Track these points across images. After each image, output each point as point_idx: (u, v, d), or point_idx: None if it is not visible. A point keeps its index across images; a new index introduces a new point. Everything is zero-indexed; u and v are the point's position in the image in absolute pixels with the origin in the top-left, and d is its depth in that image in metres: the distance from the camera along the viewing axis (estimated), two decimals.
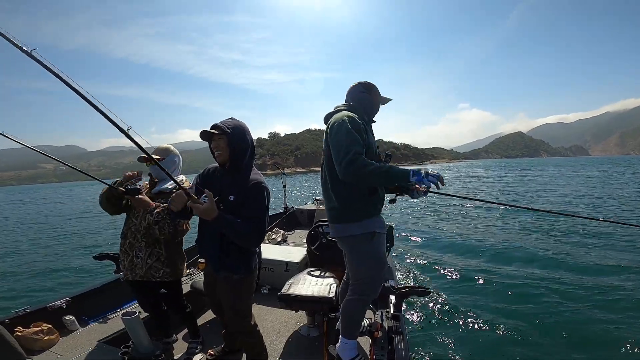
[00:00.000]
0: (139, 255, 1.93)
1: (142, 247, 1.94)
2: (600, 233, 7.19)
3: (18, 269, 6.56)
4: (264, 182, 1.59)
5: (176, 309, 2.14)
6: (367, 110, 1.84)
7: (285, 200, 6.01)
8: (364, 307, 1.81)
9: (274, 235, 4.57)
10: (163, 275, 1.96)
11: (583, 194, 14.96)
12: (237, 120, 1.63)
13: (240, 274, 1.62)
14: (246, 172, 1.61)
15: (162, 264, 1.96)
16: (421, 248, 6.77)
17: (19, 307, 2.20)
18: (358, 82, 1.89)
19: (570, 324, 3.54)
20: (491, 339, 3.33)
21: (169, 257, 1.98)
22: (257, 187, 1.56)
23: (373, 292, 1.80)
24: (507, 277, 4.95)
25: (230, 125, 1.57)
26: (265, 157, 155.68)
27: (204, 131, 1.56)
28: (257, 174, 1.63)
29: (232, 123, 1.59)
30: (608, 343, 3.19)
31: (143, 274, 1.93)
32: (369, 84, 1.87)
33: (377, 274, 1.78)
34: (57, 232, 11.24)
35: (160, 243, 1.96)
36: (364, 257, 1.75)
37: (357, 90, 1.87)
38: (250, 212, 1.51)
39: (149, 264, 1.93)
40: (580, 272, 5.00)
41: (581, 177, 26.63)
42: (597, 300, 4.04)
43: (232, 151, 1.57)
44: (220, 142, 1.56)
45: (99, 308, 2.49)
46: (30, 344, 1.94)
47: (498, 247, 6.59)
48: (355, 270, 1.80)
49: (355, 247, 1.76)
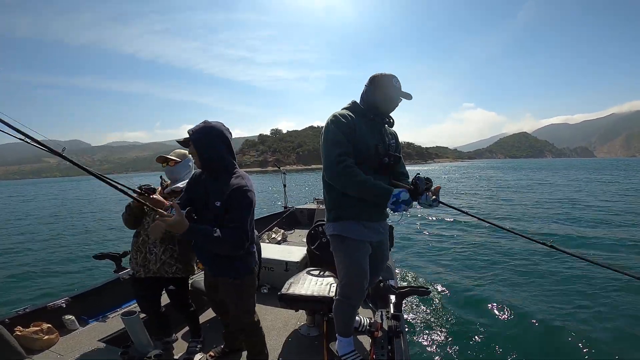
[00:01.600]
0: (153, 252, 1.97)
1: (157, 244, 1.98)
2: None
3: (18, 269, 6.56)
4: (246, 186, 1.52)
5: (181, 306, 2.16)
6: (369, 105, 1.70)
7: (285, 200, 6.00)
8: (349, 308, 1.78)
9: (274, 235, 4.57)
10: (176, 271, 2.01)
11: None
12: (210, 123, 1.55)
13: (239, 277, 1.61)
14: (228, 175, 1.55)
15: (175, 260, 2.00)
16: (421, 248, 6.77)
17: (19, 306, 2.20)
18: (375, 75, 1.71)
19: (570, 324, 3.53)
20: (491, 338, 3.33)
21: (182, 254, 2.03)
22: (238, 192, 1.49)
23: (354, 295, 1.73)
24: (507, 277, 4.95)
25: (195, 130, 1.52)
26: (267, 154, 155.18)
27: (186, 139, 1.57)
28: (239, 177, 1.55)
29: (198, 128, 1.53)
30: (610, 344, 3.19)
31: (157, 269, 1.97)
32: (374, 75, 1.69)
33: (350, 279, 1.70)
34: (56, 232, 11.24)
35: (174, 240, 2.01)
36: (338, 259, 1.74)
37: (365, 87, 1.73)
38: (232, 218, 1.47)
39: (163, 259, 1.98)
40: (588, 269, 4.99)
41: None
42: (601, 304, 4.03)
43: (200, 157, 1.53)
44: (191, 147, 1.55)
45: (99, 308, 2.49)
46: (30, 343, 1.93)
47: (498, 247, 6.58)
48: (337, 270, 1.79)
49: (332, 248, 1.76)
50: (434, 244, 7.11)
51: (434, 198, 1.53)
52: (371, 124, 1.70)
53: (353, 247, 1.68)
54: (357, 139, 1.59)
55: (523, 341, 3.27)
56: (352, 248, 1.68)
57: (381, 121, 1.74)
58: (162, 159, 2.03)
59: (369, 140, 1.64)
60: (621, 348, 3.11)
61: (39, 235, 10.47)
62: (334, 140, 1.56)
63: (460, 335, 3.41)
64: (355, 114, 1.67)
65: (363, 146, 1.61)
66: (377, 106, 1.69)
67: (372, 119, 1.70)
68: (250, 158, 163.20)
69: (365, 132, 1.64)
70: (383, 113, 1.72)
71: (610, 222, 8.75)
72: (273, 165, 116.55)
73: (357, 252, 1.68)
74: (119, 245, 6.99)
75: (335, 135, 1.56)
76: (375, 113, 1.70)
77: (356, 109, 1.71)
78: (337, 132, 1.57)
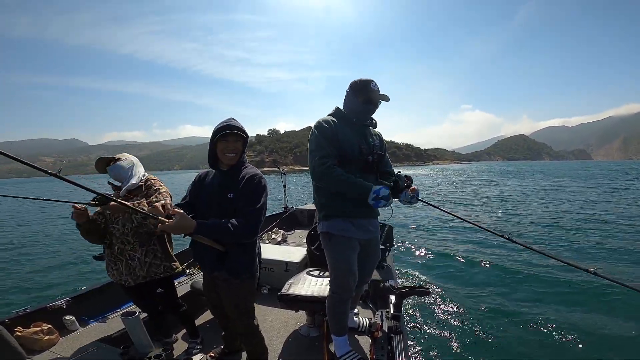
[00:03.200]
0: (135, 257, 1.90)
1: (137, 248, 1.90)
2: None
3: (17, 269, 6.56)
4: (260, 174, 1.60)
5: (172, 307, 2.12)
6: (350, 109, 1.80)
7: (285, 200, 6.01)
8: (339, 303, 1.82)
9: (274, 235, 4.57)
10: (165, 270, 1.97)
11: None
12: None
13: (241, 278, 1.60)
14: (242, 167, 1.64)
15: (161, 260, 1.96)
16: (421, 248, 6.77)
17: (19, 307, 2.20)
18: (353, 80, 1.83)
19: (571, 324, 3.54)
20: (491, 338, 3.33)
21: (164, 252, 1.99)
22: (254, 179, 1.56)
23: (341, 290, 1.79)
24: (507, 277, 4.96)
25: (243, 128, 1.59)
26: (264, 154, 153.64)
27: (228, 132, 1.51)
28: (252, 168, 1.66)
29: (242, 126, 1.60)
30: (611, 344, 3.19)
31: (145, 274, 1.92)
32: (353, 82, 1.79)
33: (337, 275, 1.78)
34: (56, 231, 11.23)
35: (153, 239, 1.94)
36: (327, 256, 1.82)
37: (346, 94, 1.84)
38: (247, 204, 1.51)
39: (148, 262, 1.92)
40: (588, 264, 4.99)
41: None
42: (603, 303, 4.04)
43: (241, 154, 1.61)
44: (238, 144, 1.59)
45: (99, 308, 2.49)
46: (30, 344, 1.94)
47: (499, 247, 6.59)
48: (328, 267, 1.86)
49: (323, 245, 1.86)
50: (434, 245, 7.11)
51: (412, 196, 1.72)
52: (354, 127, 1.80)
53: (339, 243, 1.76)
54: (341, 142, 1.70)
55: (523, 341, 3.27)
56: (339, 245, 1.76)
57: (363, 123, 1.84)
58: (103, 162, 1.91)
59: (353, 141, 1.73)
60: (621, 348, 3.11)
61: (40, 236, 10.45)
62: (316, 145, 1.70)
63: (460, 335, 3.41)
64: (338, 119, 1.79)
65: (348, 148, 1.71)
66: (358, 110, 1.79)
67: (355, 122, 1.80)
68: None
69: (349, 134, 1.75)
70: (365, 116, 1.82)
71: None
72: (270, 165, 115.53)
73: (342, 248, 1.76)
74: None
75: (318, 140, 1.70)
76: (356, 117, 1.80)
77: (339, 114, 1.82)
78: (319, 137, 1.70)
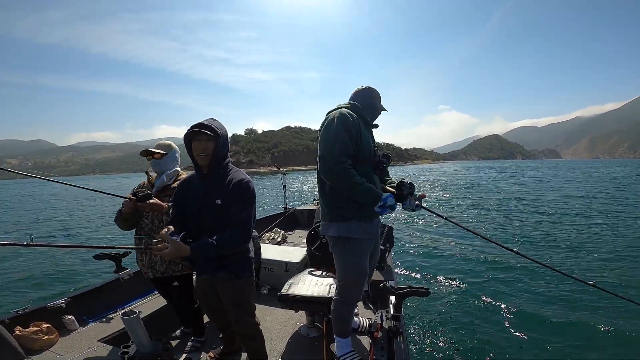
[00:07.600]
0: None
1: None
2: None
3: (17, 269, 6.55)
4: (246, 178, 1.55)
5: (186, 302, 2.16)
6: (367, 111, 1.80)
7: (285, 201, 6.01)
8: (348, 307, 1.81)
9: (274, 235, 4.57)
10: (182, 268, 2.03)
11: None
12: (219, 121, 1.56)
13: (242, 277, 1.61)
14: (228, 171, 1.57)
15: (181, 259, 2.00)
16: (421, 249, 6.77)
17: (19, 306, 2.20)
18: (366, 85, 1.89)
19: (572, 324, 3.54)
20: (491, 339, 3.33)
21: None
22: (241, 185, 1.52)
23: (354, 295, 1.78)
24: (507, 278, 4.95)
25: (219, 127, 1.52)
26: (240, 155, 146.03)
27: (195, 130, 1.46)
28: (238, 172, 1.59)
29: (219, 125, 1.53)
30: (613, 344, 3.19)
31: (164, 269, 2.00)
32: (373, 88, 1.86)
33: (354, 279, 1.74)
34: (56, 231, 11.23)
35: None
36: (340, 260, 1.74)
37: (361, 91, 1.85)
38: (239, 211, 1.49)
39: (167, 260, 1.99)
40: (586, 269, 4.99)
41: None
42: (603, 302, 4.03)
43: (215, 155, 1.51)
44: (209, 144, 1.49)
45: (99, 308, 2.48)
46: (30, 343, 1.93)
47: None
48: (337, 270, 1.80)
49: (334, 249, 1.77)
50: (434, 245, 7.10)
51: (417, 204, 1.70)
52: (367, 125, 1.79)
53: (358, 248, 1.70)
54: (362, 140, 1.65)
55: (523, 341, 3.26)
56: (357, 249, 1.70)
57: (373, 123, 1.86)
58: (146, 153, 2.01)
59: (369, 141, 1.71)
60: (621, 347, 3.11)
61: (38, 235, 10.45)
62: (337, 138, 1.56)
63: (460, 335, 3.40)
64: (358, 115, 1.71)
65: (366, 147, 1.66)
66: (375, 114, 1.85)
67: (367, 122, 1.78)
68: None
69: (366, 133, 1.71)
70: (376, 117, 1.87)
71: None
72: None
73: (362, 253, 1.72)
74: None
75: (340, 134, 1.57)
76: (372, 116, 1.81)
77: (355, 109, 1.74)
78: (342, 132, 1.57)
